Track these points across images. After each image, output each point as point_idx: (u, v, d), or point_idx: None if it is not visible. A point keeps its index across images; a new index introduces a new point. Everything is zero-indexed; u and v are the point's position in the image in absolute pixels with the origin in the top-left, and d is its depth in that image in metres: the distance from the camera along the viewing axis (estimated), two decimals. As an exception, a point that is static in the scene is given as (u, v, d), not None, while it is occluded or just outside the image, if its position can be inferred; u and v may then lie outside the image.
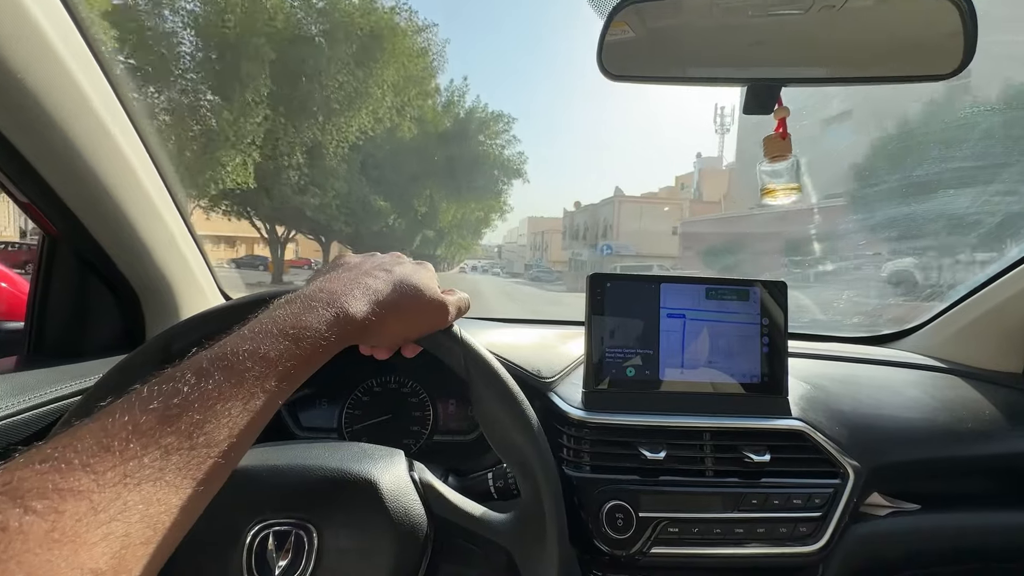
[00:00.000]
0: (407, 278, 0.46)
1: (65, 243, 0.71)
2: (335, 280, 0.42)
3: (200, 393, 0.30)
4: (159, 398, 0.29)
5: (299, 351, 0.35)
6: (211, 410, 0.30)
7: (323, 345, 0.37)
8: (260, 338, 0.34)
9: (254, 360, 0.33)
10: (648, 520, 0.62)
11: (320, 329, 0.37)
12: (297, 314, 0.37)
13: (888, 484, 0.71)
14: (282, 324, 0.36)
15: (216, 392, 0.30)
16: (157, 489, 0.26)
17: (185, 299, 0.85)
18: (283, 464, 0.48)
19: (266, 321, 0.36)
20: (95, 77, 0.59)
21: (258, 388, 0.32)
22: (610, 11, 0.49)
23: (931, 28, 0.48)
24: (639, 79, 0.53)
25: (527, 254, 68.70)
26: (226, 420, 0.30)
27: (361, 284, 0.42)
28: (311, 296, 0.39)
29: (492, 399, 0.49)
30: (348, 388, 0.85)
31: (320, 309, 0.38)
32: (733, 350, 0.71)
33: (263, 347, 0.34)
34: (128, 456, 0.26)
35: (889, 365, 0.95)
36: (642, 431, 0.66)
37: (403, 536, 0.46)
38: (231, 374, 0.32)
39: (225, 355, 0.32)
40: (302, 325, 0.36)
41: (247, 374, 0.32)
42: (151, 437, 0.27)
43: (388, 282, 0.44)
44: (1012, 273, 0.90)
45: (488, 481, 0.62)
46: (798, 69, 0.52)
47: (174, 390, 0.29)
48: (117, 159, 0.64)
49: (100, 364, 0.71)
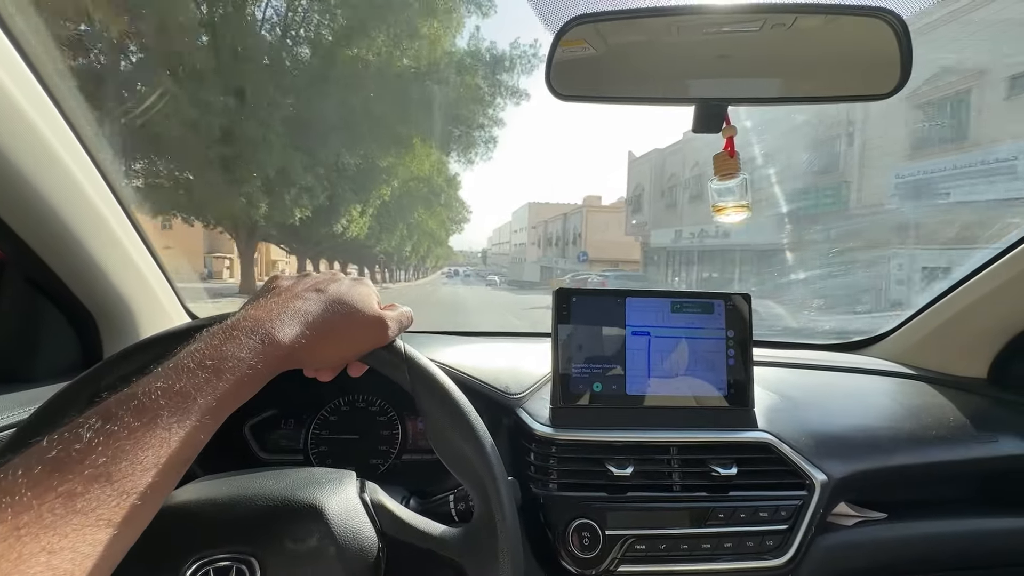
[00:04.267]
0: (341, 296, 0.45)
1: (12, 266, 0.69)
2: (261, 306, 0.41)
3: (106, 436, 0.29)
4: (59, 446, 0.28)
5: (221, 383, 0.34)
6: (120, 451, 0.28)
7: (248, 375, 0.36)
8: (175, 374, 0.33)
9: (168, 397, 0.32)
10: (615, 538, 0.61)
11: (243, 358, 0.36)
12: (217, 345, 0.36)
13: (855, 493, 0.72)
14: (200, 356, 0.35)
15: (124, 433, 0.29)
16: (59, 538, 0.25)
17: (145, 318, 0.82)
18: (222, 496, 0.46)
19: (183, 356, 0.35)
20: (36, 99, 0.57)
21: (175, 424, 0.31)
22: (558, 31, 0.49)
23: (872, 49, 0.49)
24: (588, 99, 0.54)
25: (529, 252, 56.53)
26: (140, 461, 0.29)
27: (290, 308, 0.41)
28: (234, 325, 0.38)
29: (438, 411, 0.48)
30: (314, 408, 0.84)
31: (243, 337, 0.37)
32: (699, 364, 0.72)
33: (178, 383, 0.33)
34: (19, 509, 0.25)
35: (857, 372, 0.96)
36: (609, 447, 0.66)
37: (352, 560, 0.44)
38: (141, 414, 0.30)
39: (135, 395, 0.31)
40: (222, 356, 0.35)
41: (161, 411, 0.31)
42: (46, 487, 0.26)
43: (319, 303, 0.43)
44: (976, 278, 0.91)
45: (450, 503, 0.61)
46: (745, 89, 0.53)
47: (76, 436, 0.28)
48: (62, 177, 0.62)
49: (49, 390, 0.68)
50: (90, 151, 0.65)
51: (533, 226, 57.34)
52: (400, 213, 21.73)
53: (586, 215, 39.06)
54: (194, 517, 0.44)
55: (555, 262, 41.25)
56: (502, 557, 0.45)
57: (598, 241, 36.13)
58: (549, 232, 49.13)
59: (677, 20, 0.54)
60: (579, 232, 39.21)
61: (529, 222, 60.62)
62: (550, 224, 48.91)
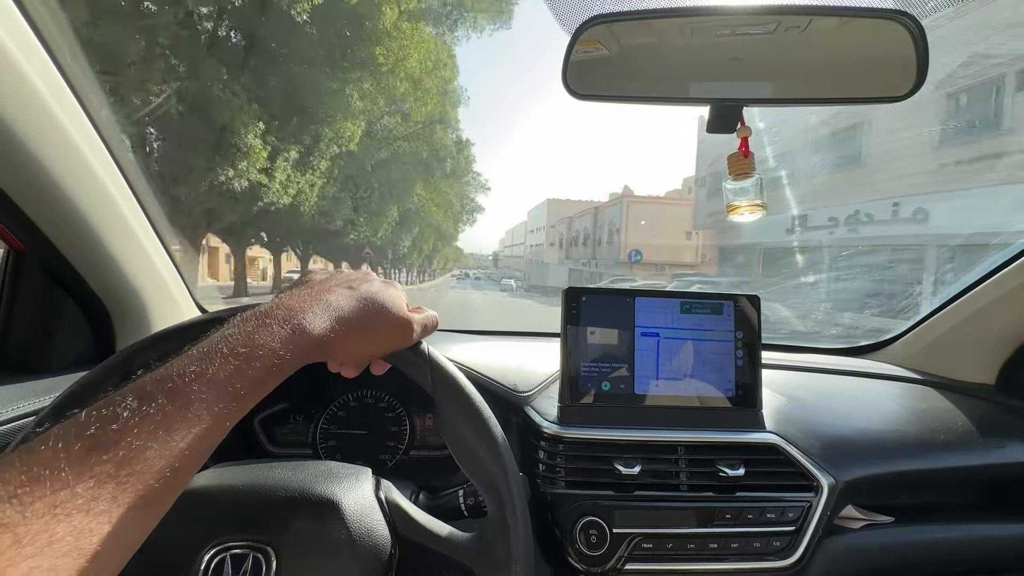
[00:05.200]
0: (372, 296, 0.45)
1: (31, 257, 0.70)
2: (294, 297, 0.41)
3: (141, 417, 0.29)
4: (96, 423, 0.28)
5: (250, 371, 0.34)
6: (152, 435, 0.29)
7: (277, 364, 0.36)
8: (209, 358, 0.33)
9: (201, 382, 0.32)
10: (622, 536, 0.62)
11: (274, 347, 0.36)
12: (250, 332, 0.36)
13: (862, 497, 0.72)
14: (233, 343, 0.35)
15: (159, 416, 0.29)
16: (90, 519, 0.25)
17: (158, 313, 0.83)
18: (242, 484, 0.47)
19: (217, 340, 0.35)
20: (60, 92, 0.58)
21: (204, 411, 0.31)
22: (575, 31, 0.49)
23: (888, 51, 0.49)
24: (604, 98, 0.54)
25: (547, 254, 51.56)
26: (169, 445, 0.29)
27: (322, 300, 0.42)
28: (266, 313, 0.38)
29: (457, 415, 0.48)
30: (323, 403, 0.84)
31: (275, 326, 0.37)
32: (708, 365, 0.72)
33: (211, 368, 0.33)
34: (58, 486, 0.25)
35: (865, 377, 0.95)
36: (617, 446, 0.66)
37: (366, 558, 0.45)
38: (175, 397, 0.31)
39: (171, 376, 0.32)
40: (255, 343, 0.35)
41: (193, 396, 0.31)
42: (84, 465, 0.26)
43: (351, 299, 0.44)
44: (985, 284, 0.91)
45: (459, 498, 0.61)
46: (760, 90, 0.53)
47: (113, 415, 0.28)
48: (85, 173, 0.63)
49: (65, 380, 0.69)
50: (112, 149, 0.66)
51: (552, 225, 51.60)
52: (388, 186, 15.39)
53: (627, 208, 32.12)
54: (213, 503, 0.45)
55: (584, 264, 36.47)
56: (515, 566, 0.45)
57: (643, 240, 30.09)
58: (574, 230, 42.90)
59: (691, 21, 0.55)
60: (617, 228, 32.62)
61: (548, 220, 54.02)
62: (575, 221, 42.72)
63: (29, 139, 0.55)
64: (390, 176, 15.48)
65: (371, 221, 15.20)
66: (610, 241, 33.77)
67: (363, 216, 14.57)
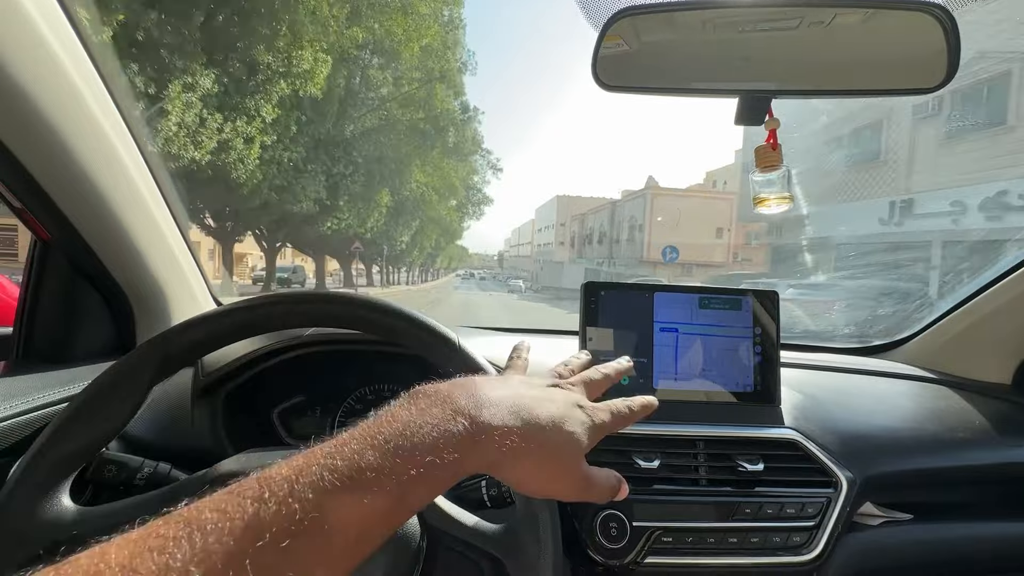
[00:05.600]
0: (565, 426, 0.37)
1: (57, 248, 0.71)
2: (484, 388, 0.35)
3: (311, 522, 0.24)
4: (271, 521, 0.23)
5: (430, 473, 0.29)
6: (323, 533, 0.24)
7: (456, 469, 0.31)
8: (389, 449, 0.28)
9: (376, 487, 0.27)
10: (642, 529, 0.62)
11: (458, 451, 0.30)
12: (437, 424, 0.31)
13: (881, 494, 0.72)
14: (422, 435, 0.30)
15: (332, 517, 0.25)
16: None
17: (177, 306, 0.84)
18: None
19: (409, 434, 0.30)
20: (93, 83, 0.59)
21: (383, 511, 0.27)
22: (604, 23, 0.50)
23: (917, 43, 0.49)
24: (633, 90, 0.55)
25: (557, 253, 47.24)
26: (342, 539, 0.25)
27: (522, 406, 0.35)
28: (449, 398, 0.33)
29: None
30: (341, 396, 0.85)
31: (460, 419, 0.32)
32: (726, 360, 0.72)
33: (387, 464, 0.28)
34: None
35: (881, 376, 0.95)
36: (636, 440, 0.66)
37: (395, 545, 0.45)
38: (357, 490, 0.26)
39: (349, 470, 0.26)
40: (448, 438, 0.30)
41: (369, 494, 0.26)
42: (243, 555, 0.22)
43: (547, 418, 0.36)
44: (1001, 284, 0.91)
45: (482, 489, 0.61)
46: (788, 81, 0.53)
47: (290, 512, 0.24)
48: (113, 164, 0.64)
49: (88, 371, 0.70)
50: (140, 144, 0.67)
51: (562, 223, 48.18)
52: (378, 164, 11.86)
53: (651, 201, 28.25)
54: None
55: (599, 264, 32.62)
56: (544, 556, 0.45)
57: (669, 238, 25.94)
58: (587, 228, 39.36)
59: (715, 17, 0.55)
60: (639, 224, 28.96)
61: (557, 218, 50.17)
62: (589, 218, 39.16)
63: (65, 134, 0.56)
64: (380, 150, 11.87)
65: (355, 207, 11.79)
66: (630, 239, 30.27)
67: (344, 199, 11.21)
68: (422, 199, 16.67)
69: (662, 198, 28.84)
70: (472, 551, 0.48)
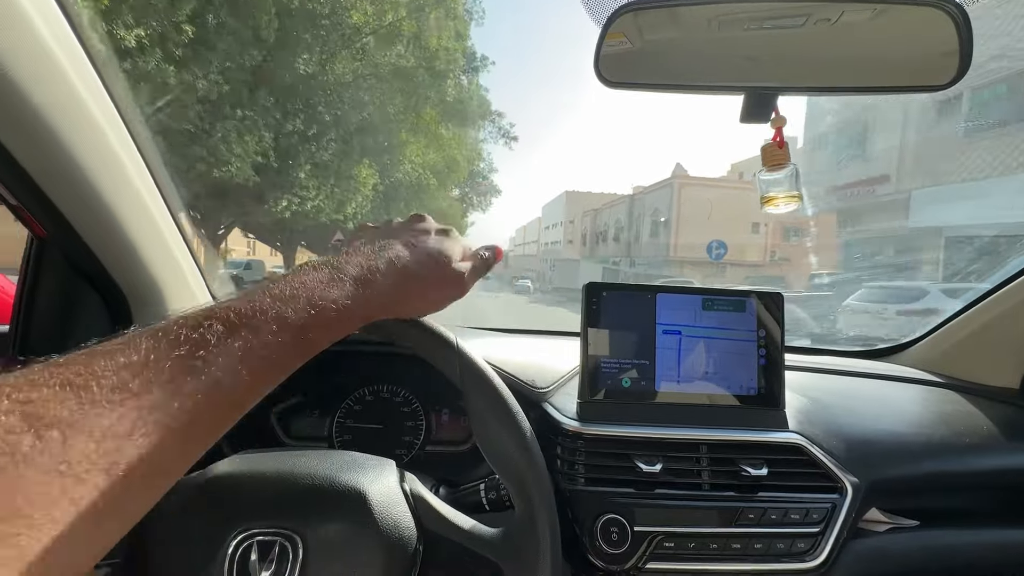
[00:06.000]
0: (431, 249, 0.46)
1: (53, 245, 0.70)
2: (362, 254, 0.42)
3: (225, 348, 0.29)
4: (186, 345, 0.28)
5: (324, 321, 0.35)
6: (230, 368, 0.29)
7: (348, 318, 0.37)
8: (287, 302, 0.34)
9: (280, 323, 0.33)
10: (643, 534, 0.61)
11: (347, 303, 0.37)
12: (325, 284, 0.37)
13: (886, 500, 0.70)
14: (310, 292, 0.35)
15: (240, 351, 0.30)
16: (162, 438, 0.26)
17: (175, 303, 0.83)
18: (270, 471, 0.46)
19: (296, 286, 0.35)
20: (87, 75, 0.58)
21: (279, 351, 0.32)
22: (607, 18, 0.49)
23: (927, 40, 0.48)
24: (636, 87, 0.54)
25: (565, 252, 45.07)
26: (241, 378, 0.30)
27: (387, 257, 0.42)
28: (339, 268, 0.39)
29: (487, 411, 0.48)
30: (340, 397, 0.84)
31: (348, 283, 0.38)
32: (730, 362, 0.71)
33: (289, 312, 0.33)
34: (144, 403, 0.25)
35: (887, 379, 0.94)
36: (638, 443, 0.65)
37: (392, 549, 0.44)
38: (257, 334, 0.31)
39: (254, 312, 0.32)
40: (329, 297, 0.36)
41: (271, 336, 0.32)
42: (176, 384, 0.27)
43: (414, 255, 0.44)
44: (1009, 287, 0.90)
45: (480, 492, 0.61)
46: (794, 79, 0.52)
47: (202, 339, 0.29)
48: (109, 159, 0.63)
49: None
50: (136, 140, 0.67)
51: (571, 220, 46.22)
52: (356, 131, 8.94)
53: (678, 192, 25.58)
54: (239, 489, 0.44)
55: (615, 263, 30.04)
56: (542, 561, 0.45)
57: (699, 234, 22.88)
58: (601, 224, 36.84)
59: (719, 13, 0.54)
60: (663, 218, 26.05)
61: (566, 215, 47.89)
62: (603, 213, 36.49)
63: (61, 129, 0.55)
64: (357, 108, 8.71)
65: (327, 184, 8.69)
66: (653, 235, 27.50)
67: (306, 170, 8.03)
68: (419, 184, 13.60)
69: (690, 188, 25.99)
70: (469, 555, 0.48)
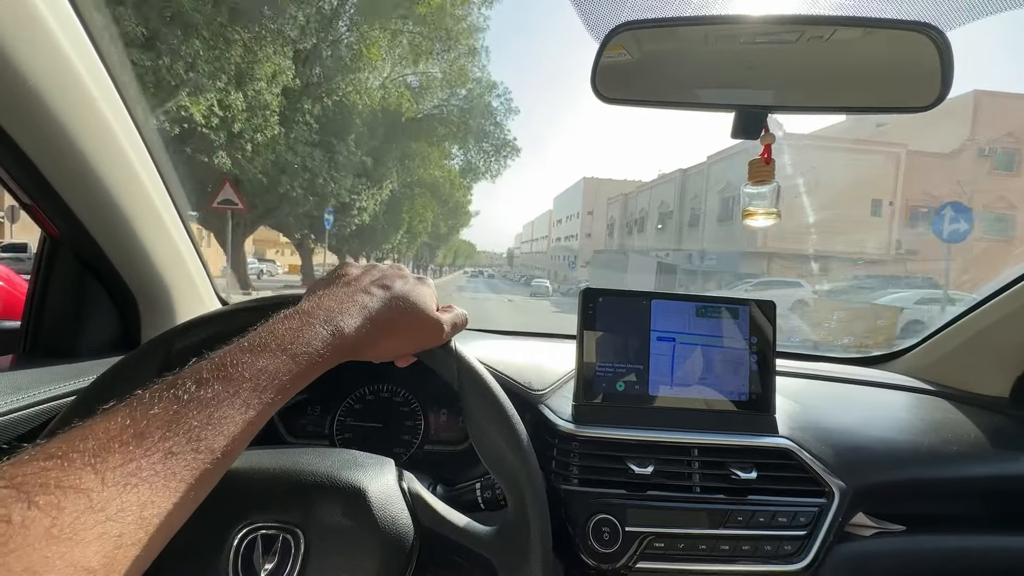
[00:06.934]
0: (405, 296, 0.48)
1: (66, 245, 0.72)
2: (332, 297, 0.44)
3: (199, 401, 0.31)
4: (160, 403, 0.30)
5: (295, 366, 0.37)
6: (209, 418, 0.31)
7: (317, 361, 0.39)
8: (259, 351, 0.36)
9: (252, 372, 0.34)
10: (634, 535, 0.62)
11: (316, 346, 0.39)
12: (295, 330, 0.38)
13: (873, 504, 0.72)
14: (280, 339, 0.37)
15: (214, 401, 0.32)
16: (153, 492, 0.27)
17: (182, 304, 0.85)
18: (273, 467, 0.48)
19: (265, 335, 0.37)
20: (101, 80, 0.60)
21: (255, 399, 0.34)
22: (606, 35, 0.51)
23: (912, 62, 0.50)
24: (631, 102, 0.56)
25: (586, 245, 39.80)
26: (222, 428, 0.31)
27: (357, 302, 0.44)
28: (309, 313, 0.41)
29: (483, 413, 0.50)
30: (340, 396, 0.86)
31: (317, 326, 0.40)
32: (722, 369, 0.72)
33: (261, 361, 0.35)
34: (129, 458, 0.27)
35: (878, 386, 0.96)
36: (631, 445, 0.67)
37: (389, 545, 0.46)
38: (229, 384, 0.33)
39: (225, 365, 0.34)
40: (300, 341, 0.38)
41: (244, 385, 0.33)
42: (152, 441, 0.28)
43: (384, 300, 0.46)
44: (1001, 297, 0.91)
45: (476, 491, 0.62)
46: (785, 97, 0.54)
47: (174, 396, 0.31)
48: (121, 162, 0.65)
49: (94, 365, 0.71)
50: (148, 145, 0.69)
51: (589, 211, 41.73)
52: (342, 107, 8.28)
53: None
54: (243, 483, 0.46)
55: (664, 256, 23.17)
56: (533, 558, 0.46)
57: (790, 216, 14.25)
58: (635, 211, 29.61)
59: (716, 30, 0.56)
60: (733, 195, 18.27)
61: (584, 205, 43.05)
62: (638, 198, 28.90)
63: (75, 131, 0.57)
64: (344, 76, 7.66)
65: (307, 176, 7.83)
66: (724, 218, 19.04)
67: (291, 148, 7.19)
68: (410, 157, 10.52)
69: (783, 151, 15.81)
70: (464, 552, 0.49)
